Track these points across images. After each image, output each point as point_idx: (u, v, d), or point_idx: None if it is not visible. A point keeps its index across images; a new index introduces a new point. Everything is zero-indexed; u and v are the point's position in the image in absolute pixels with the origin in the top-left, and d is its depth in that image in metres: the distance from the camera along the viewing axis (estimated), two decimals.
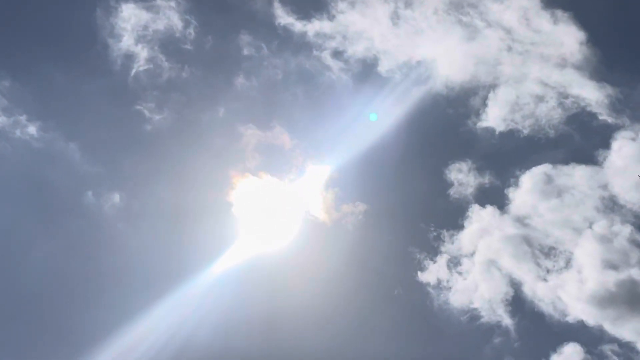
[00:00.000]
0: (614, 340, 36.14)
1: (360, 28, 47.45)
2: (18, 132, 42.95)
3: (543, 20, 45.39)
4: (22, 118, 43.52)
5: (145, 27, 46.20)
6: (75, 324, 39.45)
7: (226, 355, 38.06)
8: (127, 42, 45.57)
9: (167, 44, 46.85)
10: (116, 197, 43.61)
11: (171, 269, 41.63)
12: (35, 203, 44.10)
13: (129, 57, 45.63)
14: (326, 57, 47.34)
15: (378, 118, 45.42)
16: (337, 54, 47.40)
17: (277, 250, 42.62)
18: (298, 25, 46.99)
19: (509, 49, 45.58)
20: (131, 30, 45.72)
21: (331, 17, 47.15)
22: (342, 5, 47.20)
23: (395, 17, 47.04)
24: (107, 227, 43.31)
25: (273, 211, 43.77)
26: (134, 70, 45.59)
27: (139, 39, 45.96)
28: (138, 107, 45.29)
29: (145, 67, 45.75)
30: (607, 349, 36.07)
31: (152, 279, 41.15)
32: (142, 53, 45.88)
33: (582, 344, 36.48)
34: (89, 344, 38.17)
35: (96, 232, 43.33)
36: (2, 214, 41.98)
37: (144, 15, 46.18)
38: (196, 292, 40.41)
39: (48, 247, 41.93)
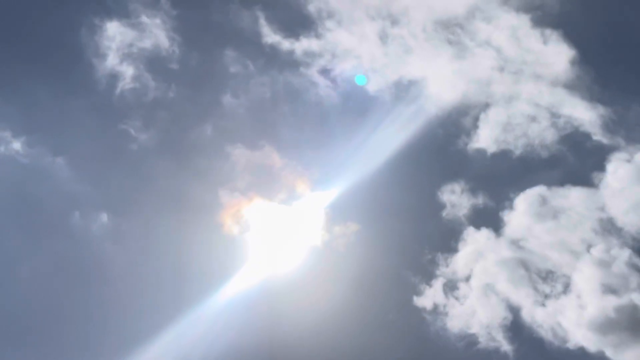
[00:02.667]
0: None
1: (348, 46, 45.81)
2: (2, 148, 40.92)
3: (533, 39, 43.76)
4: (7, 134, 41.49)
5: (131, 46, 44.41)
6: (60, 354, 36.96)
7: None
8: (112, 60, 43.71)
9: (153, 62, 45.09)
10: (104, 217, 41.54)
11: (165, 294, 39.51)
12: (21, 221, 41.70)
13: (114, 76, 43.77)
14: (314, 75, 45.56)
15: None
16: (325, 72, 45.63)
17: (271, 275, 40.31)
18: (285, 44, 45.44)
19: (500, 68, 43.92)
20: (116, 48, 43.93)
21: (319, 35, 45.55)
22: (330, 24, 45.51)
23: (383, 36, 45.59)
24: (95, 248, 41.12)
25: (266, 233, 41.57)
26: (119, 89, 43.67)
27: (124, 58, 44.16)
28: (123, 125, 43.37)
29: (131, 86, 43.81)
30: None
31: (145, 307, 38.96)
32: (128, 71, 43.96)
33: None
34: None
35: (84, 254, 41.07)
36: None
37: (129, 34, 44.47)
38: (195, 319, 38.12)
39: (33, 268, 39.58)
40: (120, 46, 44.24)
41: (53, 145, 43.30)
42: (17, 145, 41.54)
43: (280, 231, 41.98)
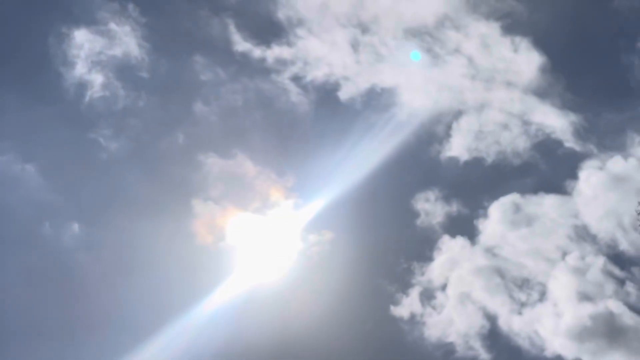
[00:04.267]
0: None
1: (320, 54, 45.59)
2: None
3: (503, 47, 44.14)
4: None
5: (99, 54, 43.57)
6: None
7: None
8: (80, 69, 42.75)
9: (123, 70, 44.26)
10: (75, 227, 40.51)
11: (142, 305, 38.07)
12: None
13: (83, 84, 42.74)
14: (286, 82, 45.18)
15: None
16: (297, 79, 45.29)
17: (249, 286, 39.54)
18: (257, 51, 45.00)
19: (471, 76, 44.26)
20: (84, 57, 42.96)
21: (290, 43, 45.32)
22: (300, 31, 45.40)
23: (355, 44, 45.50)
24: (67, 259, 40.05)
25: (241, 243, 40.96)
26: (87, 97, 42.63)
27: (93, 66, 43.20)
28: (93, 134, 42.39)
29: (100, 94, 42.81)
30: None
31: (123, 319, 37.91)
32: (97, 79, 42.98)
33: None
34: None
35: (55, 265, 39.72)
36: None
37: (98, 42, 43.61)
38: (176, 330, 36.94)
39: (2, 279, 37.94)
40: (89, 54, 43.43)
41: (22, 153, 42.13)
42: None
43: (256, 241, 41.66)
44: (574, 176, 40.79)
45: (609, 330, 34.13)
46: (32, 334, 37.17)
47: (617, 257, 37.59)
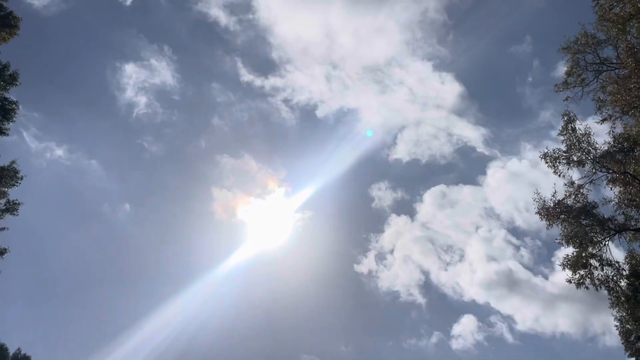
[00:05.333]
0: (497, 313, 42.11)
1: (303, 84, 54.41)
2: (48, 155, 48.45)
3: (433, 80, 52.95)
4: (52, 144, 49.20)
5: (144, 82, 51.70)
6: (93, 318, 45.91)
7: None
8: (129, 93, 51.20)
9: (160, 94, 52.89)
10: (127, 207, 50.07)
11: (175, 266, 48.60)
12: (64, 209, 50.29)
13: (131, 104, 51.42)
14: (279, 103, 53.95)
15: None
16: (286, 101, 53.91)
17: (256, 250, 48.90)
18: (257, 81, 53.77)
19: (411, 101, 53.07)
20: (133, 84, 51.25)
21: (282, 75, 53.90)
22: (289, 67, 54.28)
23: (328, 76, 54.36)
24: (120, 231, 49.71)
25: (248, 219, 50.35)
26: (135, 114, 51.67)
27: (139, 91, 51.53)
28: (139, 140, 52.26)
29: (144, 111, 51.81)
30: (493, 319, 42.04)
31: (160, 275, 48.03)
32: (142, 101, 51.35)
33: (476, 315, 42.29)
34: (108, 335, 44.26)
35: (112, 235, 50.01)
36: (40, 218, 47.01)
37: (142, 73, 51.73)
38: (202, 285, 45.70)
39: (74, 246, 48.35)
40: (136, 82, 51.50)
41: (88, 152, 51.86)
42: (59, 152, 48.86)
43: (258, 218, 50.70)
44: (483, 172, 50.32)
45: (509, 282, 42.50)
46: (97, 284, 47.70)
47: (514, 230, 46.52)
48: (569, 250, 16.49)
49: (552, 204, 16.32)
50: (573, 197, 16.30)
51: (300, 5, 54.40)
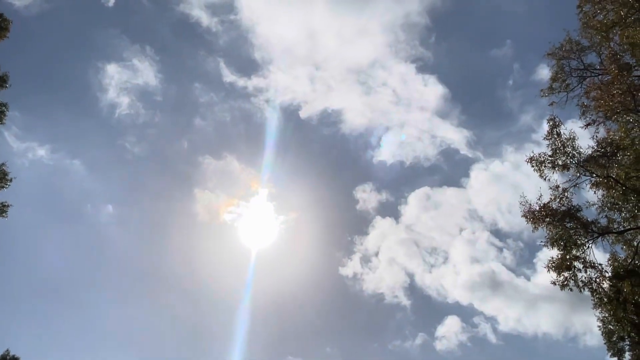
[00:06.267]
0: (481, 314, 42.31)
1: (286, 84, 54.13)
2: (30, 155, 47.29)
3: (417, 82, 53.28)
4: (35, 144, 48.25)
5: (126, 82, 50.72)
6: (77, 319, 45.11)
7: None
8: (112, 93, 50.25)
9: (143, 94, 52.14)
10: (110, 208, 49.43)
11: (154, 264, 48.34)
12: (47, 210, 49.46)
13: (114, 105, 50.40)
14: (262, 104, 53.33)
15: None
16: (269, 102, 53.21)
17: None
18: (240, 82, 53.18)
19: (395, 102, 53.37)
20: (115, 85, 50.43)
21: (265, 76, 53.54)
22: (272, 68, 53.77)
23: (312, 77, 54.02)
24: (103, 232, 49.21)
25: (231, 221, 49.14)
26: (117, 114, 50.62)
27: (121, 91, 50.58)
28: (121, 141, 51.19)
29: (126, 112, 50.78)
30: (477, 319, 42.27)
31: (141, 274, 47.69)
32: (124, 101, 50.45)
33: (460, 316, 42.75)
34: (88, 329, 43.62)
35: (94, 235, 49.38)
36: (22, 218, 44.92)
37: (125, 73, 50.78)
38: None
39: (56, 247, 47.22)
40: (118, 83, 50.63)
41: (70, 152, 50.98)
42: (41, 151, 47.67)
43: (241, 219, 49.13)
44: (467, 175, 50.79)
45: (492, 283, 42.89)
46: (77, 284, 46.91)
47: (497, 232, 47.77)
48: (553, 253, 16.62)
49: (537, 208, 16.50)
50: (558, 200, 16.51)
51: (282, 6, 54.62)
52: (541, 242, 16.96)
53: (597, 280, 16.19)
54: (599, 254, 16.67)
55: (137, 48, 51.73)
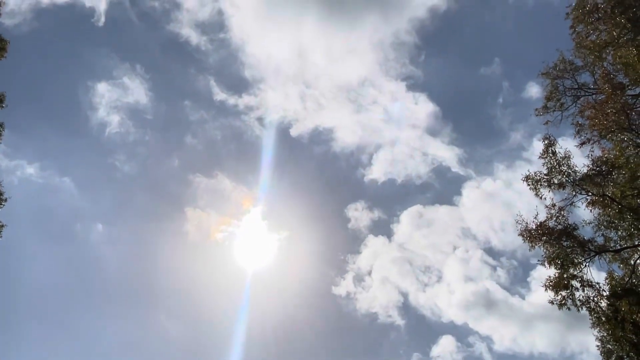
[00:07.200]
0: (476, 333, 41.09)
1: (277, 102, 53.39)
2: (19, 173, 45.50)
3: (407, 100, 52.36)
4: (23, 162, 46.28)
5: (116, 100, 49.55)
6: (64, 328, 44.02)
7: None
8: (102, 112, 49.13)
9: (133, 113, 50.79)
10: (99, 227, 48.37)
11: (143, 283, 47.45)
12: (36, 228, 47.50)
13: (104, 123, 49.25)
14: (252, 122, 52.24)
15: None
16: (260, 120, 52.11)
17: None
18: (231, 100, 51.87)
19: (385, 120, 52.69)
20: (105, 103, 49.25)
21: (255, 94, 52.56)
22: (263, 86, 52.91)
23: (302, 95, 52.90)
24: (92, 251, 47.94)
25: (224, 240, 48.37)
26: (107, 133, 49.32)
27: (111, 110, 49.38)
28: (111, 159, 49.89)
29: (116, 130, 49.59)
30: (472, 339, 40.99)
31: (131, 293, 46.60)
32: (114, 120, 49.21)
33: (454, 336, 41.18)
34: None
35: (84, 255, 47.99)
36: (10, 236, 43.33)
37: (115, 92, 49.56)
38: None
39: (45, 266, 45.70)
40: (108, 101, 49.46)
41: (60, 170, 49.32)
42: (31, 170, 46.06)
43: (233, 238, 48.31)
44: (459, 192, 50.83)
45: (486, 302, 41.86)
46: (66, 304, 45.47)
47: (490, 250, 46.95)
48: (549, 272, 16.84)
49: (534, 226, 16.70)
50: (554, 219, 16.75)
51: (271, 25, 53.80)
52: (538, 260, 17.24)
53: (595, 299, 16.45)
54: (595, 273, 16.85)
55: (127, 66, 50.76)
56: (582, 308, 16.21)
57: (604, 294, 16.33)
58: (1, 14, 15.22)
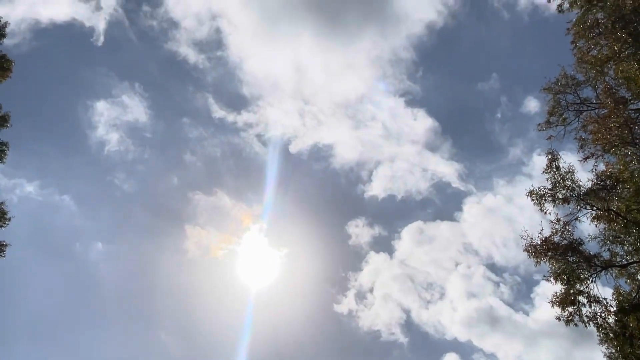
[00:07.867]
0: (480, 350, 40.83)
1: (276, 119, 53.86)
2: (18, 191, 45.37)
3: (406, 116, 53.32)
4: (23, 180, 46.24)
5: (115, 119, 50.29)
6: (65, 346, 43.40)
7: None
8: (101, 130, 49.90)
9: (132, 131, 51.32)
10: (99, 245, 48.45)
11: (144, 301, 46.95)
12: (36, 247, 47.29)
13: (103, 142, 49.79)
14: (252, 139, 52.93)
15: None
16: (259, 137, 52.95)
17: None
18: (230, 117, 52.61)
19: (385, 136, 53.52)
20: (104, 122, 50.09)
21: (254, 111, 53.67)
22: (261, 103, 54.16)
23: (301, 112, 53.62)
24: (92, 270, 47.98)
25: (224, 257, 48.46)
26: (106, 151, 49.77)
27: (110, 128, 50.16)
28: (110, 177, 50.26)
29: (116, 148, 49.96)
30: (476, 356, 41.00)
31: (130, 311, 46.30)
32: (113, 138, 49.72)
33: (458, 353, 41.14)
34: None
35: (83, 273, 47.96)
36: (10, 255, 42.95)
37: (114, 110, 50.46)
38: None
39: (46, 285, 45.67)
40: (107, 119, 50.22)
41: (60, 188, 49.51)
42: (30, 188, 46.26)
43: (233, 255, 48.46)
44: (460, 208, 50.39)
45: (490, 319, 41.75)
46: (66, 323, 45.33)
47: (492, 266, 46.56)
48: (555, 287, 16.67)
49: (539, 242, 16.52)
50: (559, 234, 16.58)
51: (269, 42, 55.12)
52: (544, 276, 17.08)
53: (602, 315, 16.23)
54: (602, 288, 16.76)
55: (126, 85, 51.41)
56: (589, 324, 15.97)
57: (612, 309, 16.10)
58: (6, 35, 15.41)
